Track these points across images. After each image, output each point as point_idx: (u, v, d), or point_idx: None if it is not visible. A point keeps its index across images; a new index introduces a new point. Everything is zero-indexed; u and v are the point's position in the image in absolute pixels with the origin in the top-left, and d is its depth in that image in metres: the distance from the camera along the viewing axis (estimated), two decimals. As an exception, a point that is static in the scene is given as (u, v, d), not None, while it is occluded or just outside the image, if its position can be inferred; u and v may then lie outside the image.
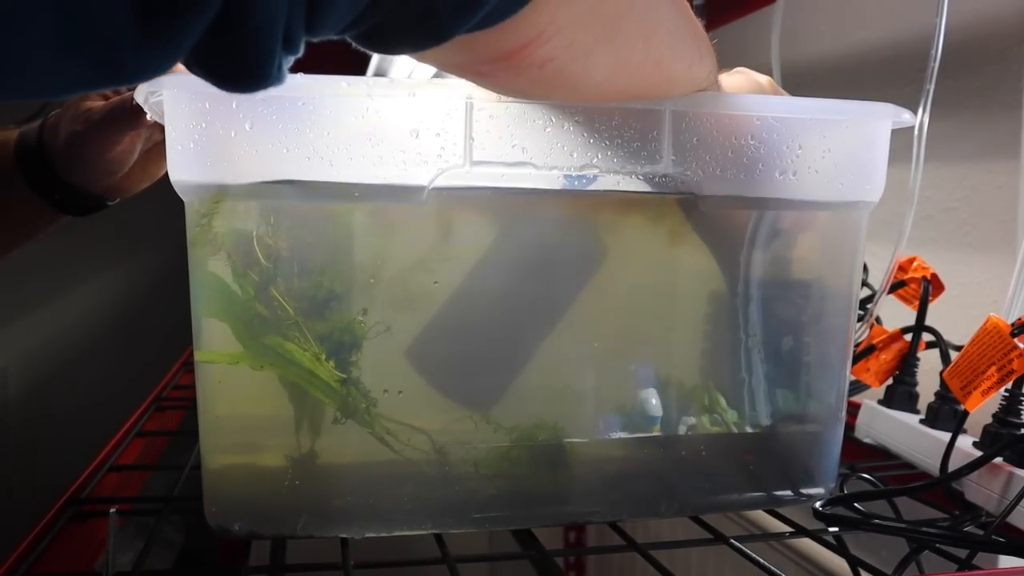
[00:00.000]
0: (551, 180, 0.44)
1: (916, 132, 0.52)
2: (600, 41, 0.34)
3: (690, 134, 0.45)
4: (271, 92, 0.39)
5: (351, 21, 0.26)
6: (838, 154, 0.48)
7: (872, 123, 0.48)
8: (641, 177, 0.45)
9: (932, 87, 0.52)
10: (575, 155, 0.43)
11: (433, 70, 0.89)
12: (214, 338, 0.44)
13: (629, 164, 0.44)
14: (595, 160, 0.44)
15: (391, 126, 0.41)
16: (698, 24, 0.40)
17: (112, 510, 0.46)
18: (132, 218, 1.40)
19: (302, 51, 0.26)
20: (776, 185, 0.47)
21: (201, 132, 0.40)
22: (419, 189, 0.42)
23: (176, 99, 0.40)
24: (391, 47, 0.29)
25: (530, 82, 0.36)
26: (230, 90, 0.25)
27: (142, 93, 0.40)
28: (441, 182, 0.42)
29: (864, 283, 0.70)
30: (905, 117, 0.48)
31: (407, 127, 0.41)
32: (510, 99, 0.42)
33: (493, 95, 0.41)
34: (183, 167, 0.41)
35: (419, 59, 0.33)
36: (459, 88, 0.42)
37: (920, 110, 0.51)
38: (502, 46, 0.31)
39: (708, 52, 0.42)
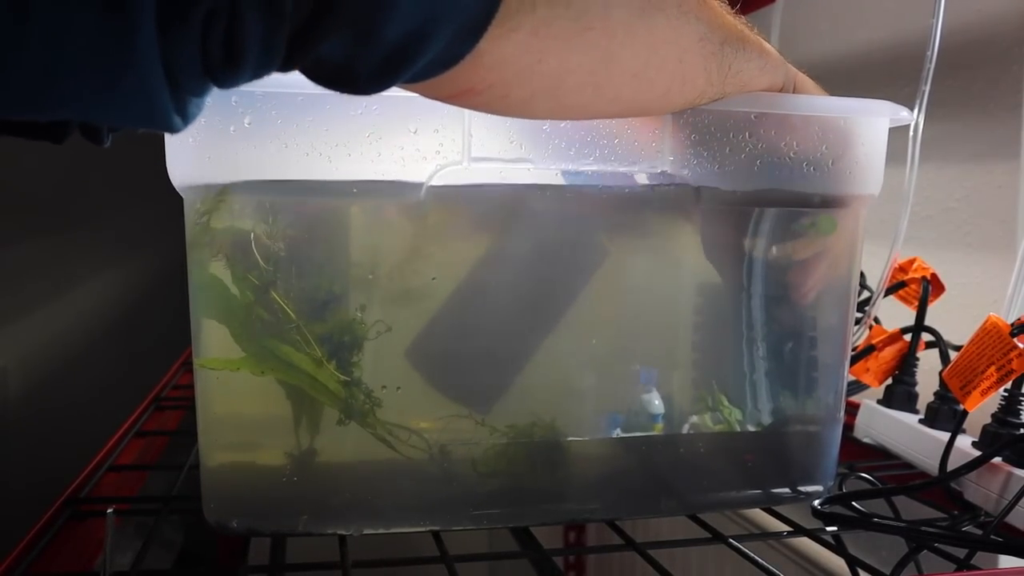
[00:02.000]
0: (549, 177, 0.44)
1: (911, 132, 0.52)
2: (537, 95, 0.34)
3: (688, 130, 0.45)
4: (270, 88, 0.39)
5: (254, 77, 0.26)
6: (835, 151, 0.48)
7: (869, 120, 0.48)
8: (640, 174, 0.45)
9: (928, 88, 0.52)
10: (573, 151, 0.43)
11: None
12: (213, 343, 0.44)
13: (627, 160, 0.44)
14: (593, 156, 0.44)
15: (390, 122, 0.41)
16: (712, 38, 0.37)
17: (109, 510, 0.46)
18: (132, 218, 1.40)
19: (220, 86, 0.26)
20: (773, 182, 0.47)
21: (200, 128, 0.40)
22: (417, 185, 0.42)
23: (174, 96, 0.40)
24: (325, 87, 0.30)
25: (485, 109, 0.36)
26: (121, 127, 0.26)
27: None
28: (440, 179, 0.42)
29: (863, 285, 0.70)
30: (903, 115, 0.48)
31: (406, 123, 0.41)
32: None
33: None
34: (182, 164, 0.41)
35: None
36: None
37: (915, 110, 0.51)
38: (434, 93, 0.32)
39: (723, 64, 0.39)
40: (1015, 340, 0.50)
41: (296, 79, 0.39)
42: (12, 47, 0.21)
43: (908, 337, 0.65)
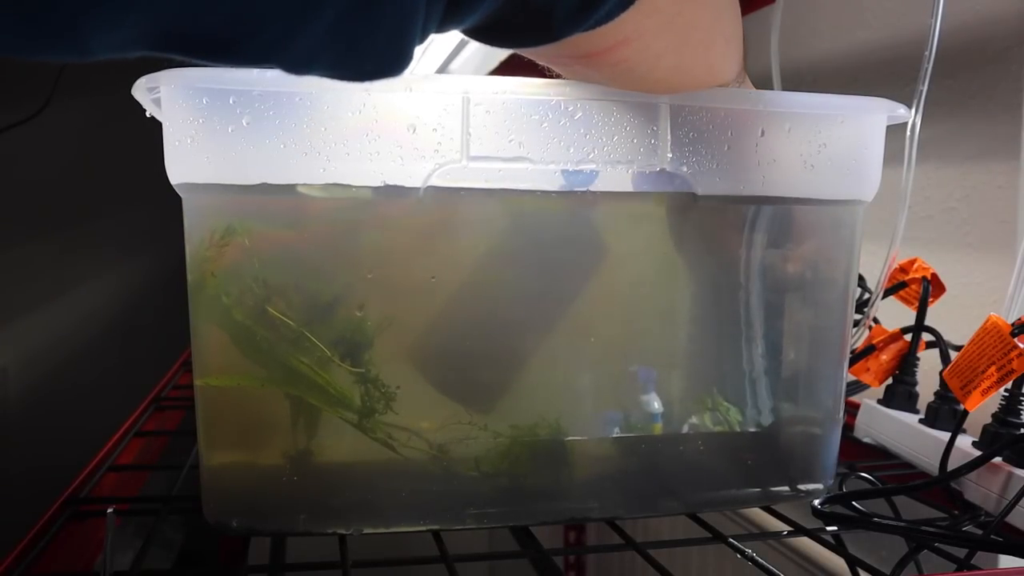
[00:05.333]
0: (549, 175, 0.44)
1: (908, 132, 0.52)
2: (669, 50, 0.37)
3: (687, 129, 0.45)
4: (268, 88, 0.40)
5: (477, 22, 0.27)
6: (833, 149, 0.48)
7: (867, 118, 0.48)
8: (639, 173, 0.45)
9: (925, 88, 0.52)
10: (572, 150, 0.43)
11: (435, 66, 0.88)
12: (214, 352, 0.44)
13: (626, 159, 0.44)
14: (592, 155, 0.44)
15: (388, 121, 0.41)
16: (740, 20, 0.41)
17: (109, 510, 0.46)
18: (131, 218, 1.41)
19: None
20: (772, 180, 0.47)
21: (198, 128, 0.40)
22: (416, 184, 0.42)
23: (173, 95, 0.40)
24: (501, 43, 0.31)
25: (599, 74, 0.39)
26: (359, 80, 0.26)
27: (141, 87, 0.40)
28: (438, 178, 0.42)
29: (863, 287, 0.70)
30: (900, 112, 0.48)
31: (404, 122, 0.41)
32: (507, 94, 0.42)
33: (490, 90, 0.41)
34: (181, 164, 0.41)
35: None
36: (456, 83, 0.42)
37: (913, 110, 0.51)
38: (591, 47, 0.34)
39: (741, 45, 0.43)
40: (1015, 340, 0.50)
41: (293, 80, 0.40)
42: None
43: (908, 337, 0.65)
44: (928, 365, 0.65)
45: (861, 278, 0.69)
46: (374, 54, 0.24)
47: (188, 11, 0.20)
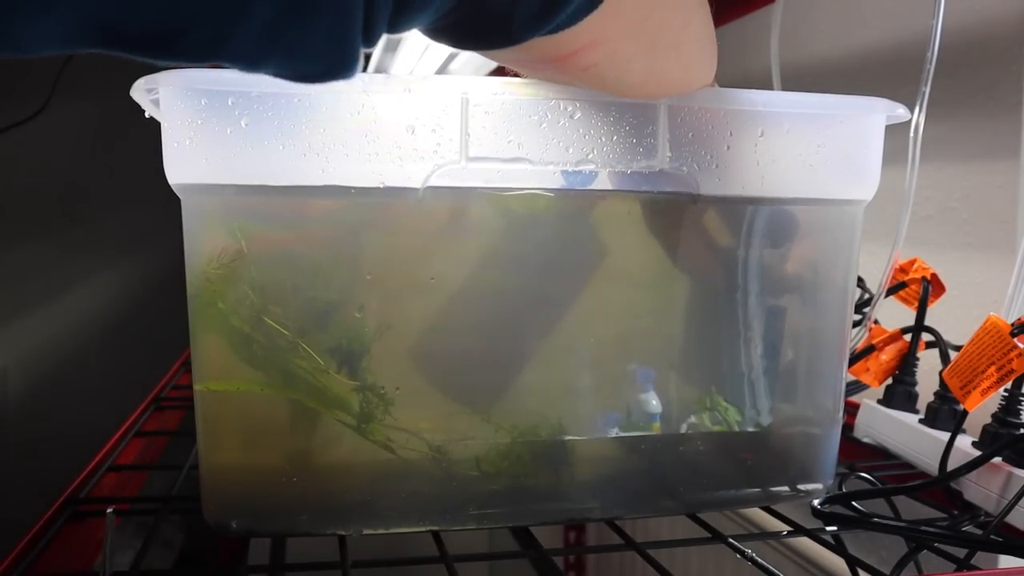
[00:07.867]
0: (548, 176, 0.44)
1: (912, 133, 0.52)
2: (640, 53, 0.37)
3: (686, 129, 0.45)
4: (267, 89, 0.40)
5: (432, 20, 0.27)
6: (832, 149, 0.48)
7: (866, 118, 0.48)
8: (638, 173, 0.45)
9: (928, 89, 0.52)
10: (571, 151, 0.43)
11: (434, 67, 0.89)
12: (213, 357, 0.44)
13: (625, 160, 0.44)
14: (591, 155, 0.44)
15: (387, 122, 0.41)
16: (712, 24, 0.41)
17: (109, 510, 0.46)
18: (131, 218, 1.41)
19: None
20: (771, 180, 0.47)
21: (196, 129, 0.40)
22: (415, 185, 0.42)
23: (171, 96, 0.40)
24: (462, 45, 0.31)
25: (571, 79, 0.39)
26: (309, 82, 0.26)
27: (139, 88, 0.40)
28: (437, 179, 0.42)
29: (862, 288, 0.70)
30: (899, 112, 0.48)
31: (403, 123, 0.41)
32: (506, 95, 0.42)
33: (489, 91, 0.41)
34: (179, 165, 0.41)
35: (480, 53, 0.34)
36: (455, 84, 0.42)
37: (916, 110, 0.51)
38: (558, 50, 0.34)
39: (715, 50, 0.43)
40: (1015, 340, 0.50)
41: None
42: None
43: (908, 337, 0.65)
44: (928, 365, 0.65)
45: (860, 279, 0.69)
46: (316, 55, 0.24)
47: (111, 5, 0.20)
